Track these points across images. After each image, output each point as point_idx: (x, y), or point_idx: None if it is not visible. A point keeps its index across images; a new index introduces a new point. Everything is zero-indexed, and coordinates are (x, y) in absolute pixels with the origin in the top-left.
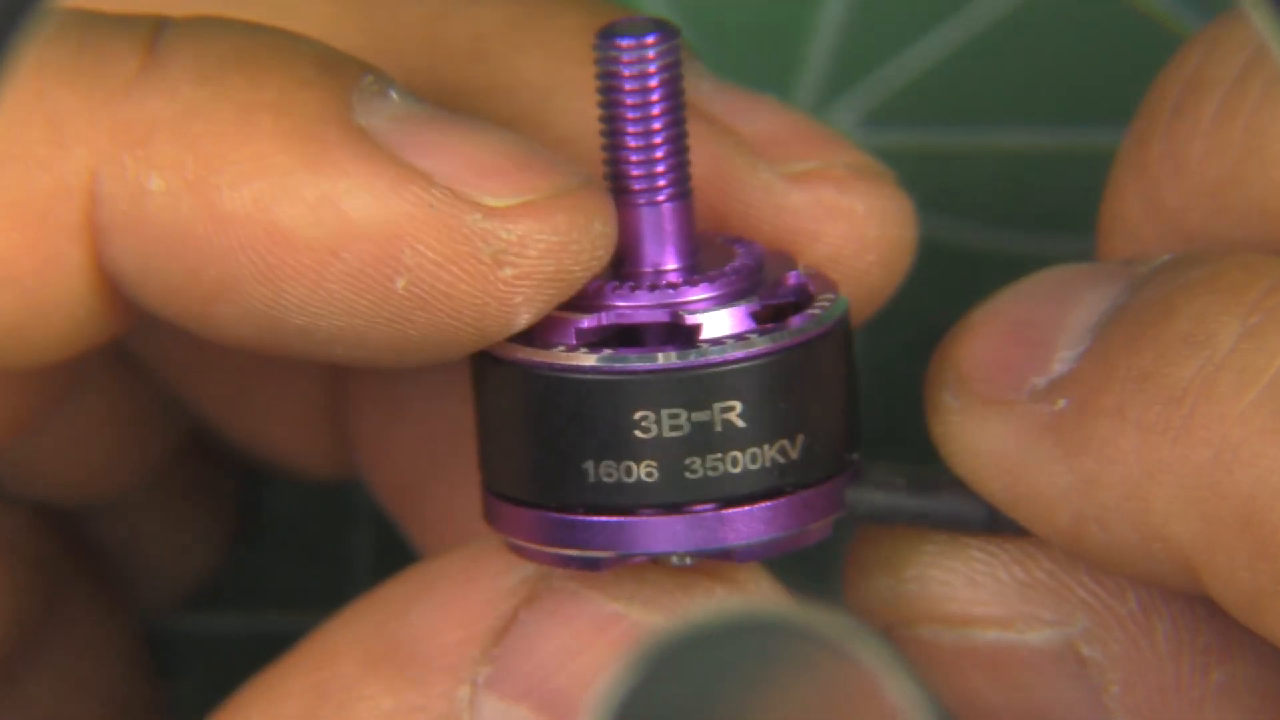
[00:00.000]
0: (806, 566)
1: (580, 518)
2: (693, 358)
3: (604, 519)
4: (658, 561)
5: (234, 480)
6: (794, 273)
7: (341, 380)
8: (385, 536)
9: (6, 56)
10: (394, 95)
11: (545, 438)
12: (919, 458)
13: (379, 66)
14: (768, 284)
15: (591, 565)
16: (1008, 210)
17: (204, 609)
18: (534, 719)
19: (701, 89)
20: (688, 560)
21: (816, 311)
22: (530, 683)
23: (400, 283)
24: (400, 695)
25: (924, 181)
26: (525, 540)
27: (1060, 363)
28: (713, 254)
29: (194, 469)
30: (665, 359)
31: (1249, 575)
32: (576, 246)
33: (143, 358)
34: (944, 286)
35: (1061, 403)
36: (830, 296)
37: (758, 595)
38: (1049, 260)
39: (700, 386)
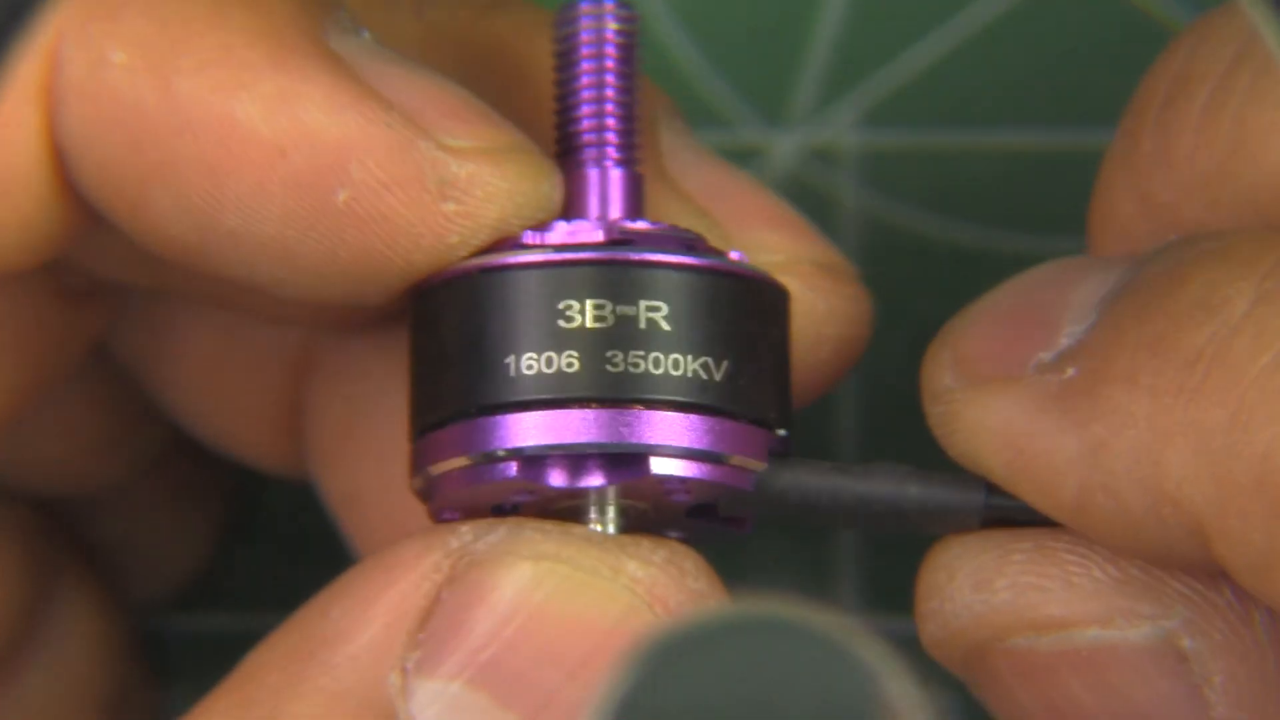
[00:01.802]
0: (807, 567)
1: (499, 416)
2: (625, 251)
3: (521, 413)
4: (585, 523)
5: (226, 478)
6: (735, 252)
7: (300, 386)
8: None
9: (6, 56)
10: (366, 35)
11: (470, 342)
12: (919, 457)
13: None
14: (711, 249)
15: (500, 512)
16: (1007, 210)
17: (199, 609)
18: (471, 694)
19: (680, 159)
20: (610, 527)
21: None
22: (462, 659)
23: (341, 196)
24: (329, 688)
25: (924, 181)
26: (446, 462)
27: (1067, 337)
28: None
29: (186, 466)
30: (598, 250)
31: (1262, 537)
32: (522, 199)
33: (115, 353)
34: (943, 286)
35: (1070, 371)
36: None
37: (683, 551)
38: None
39: (628, 279)
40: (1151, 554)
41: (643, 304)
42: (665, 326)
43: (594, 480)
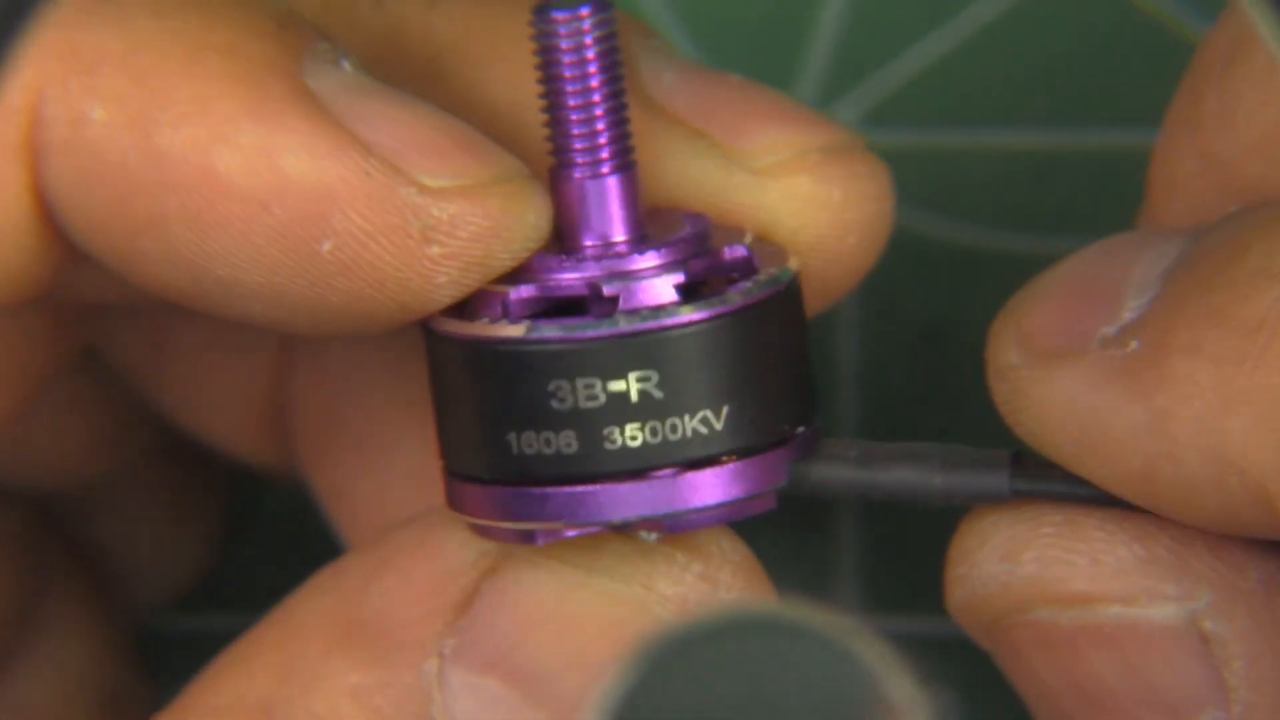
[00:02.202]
0: (807, 567)
1: (508, 489)
2: (605, 328)
3: (530, 490)
4: (619, 530)
5: (226, 481)
6: (735, 245)
7: (284, 380)
8: None
9: (6, 56)
10: (346, 65)
11: (474, 411)
12: None
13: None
14: (707, 255)
15: (528, 539)
16: (1008, 210)
17: (199, 609)
18: (501, 690)
19: (663, 81)
20: (653, 536)
21: (747, 284)
22: (496, 654)
23: (326, 246)
24: (366, 672)
25: (924, 181)
26: (471, 515)
27: (1130, 310)
28: (661, 225)
29: (183, 470)
30: (578, 329)
31: None
32: (508, 234)
33: (104, 351)
34: (944, 286)
35: (1134, 344)
36: (772, 271)
37: (720, 560)
38: (1049, 260)
39: (614, 356)
40: (1218, 523)
41: (632, 376)
42: (658, 394)
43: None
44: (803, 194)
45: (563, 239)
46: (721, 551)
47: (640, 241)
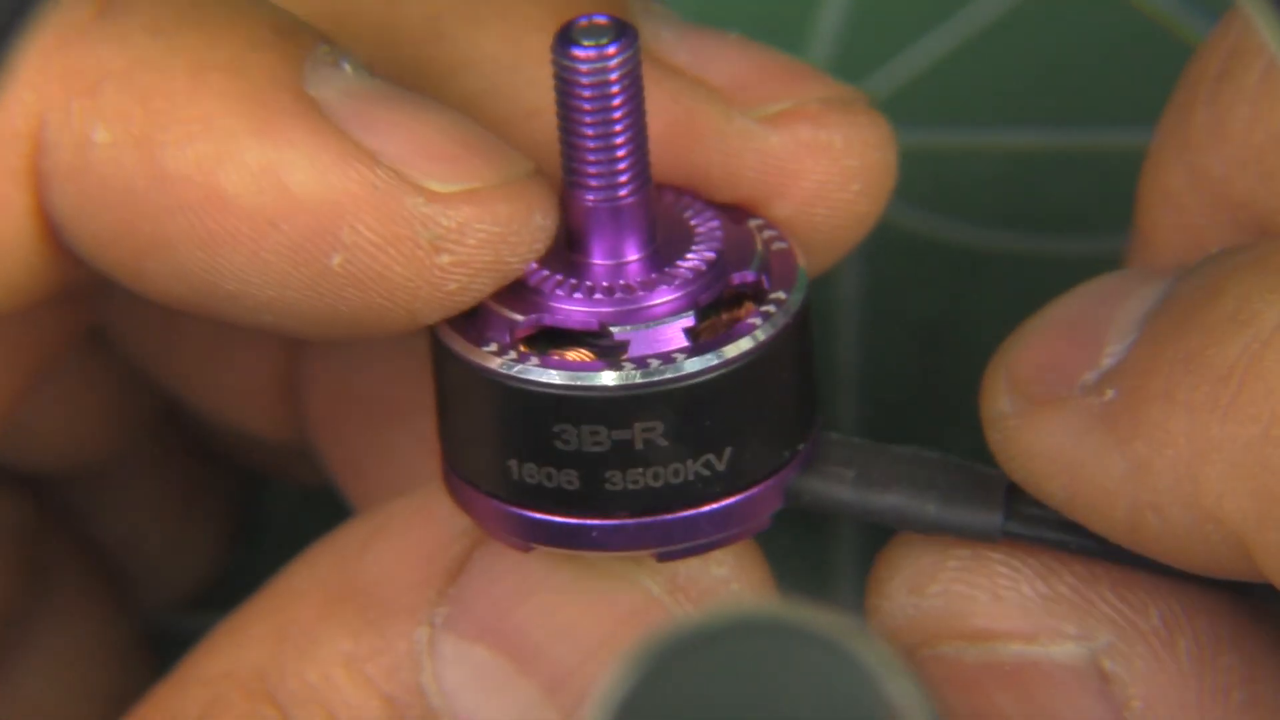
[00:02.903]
0: (807, 567)
1: (505, 508)
2: (613, 380)
3: (526, 513)
4: None
5: (233, 483)
6: (746, 271)
7: (295, 356)
8: None
9: (6, 56)
10: (347, 67)
11: (477, 429)
12: None
13: (336, 38)
14: (719, 282)
15: (524, 548)
16: (1008, 210)
17: (204, 609)
18: (491, 658)
19: (663, 38)
20: None
21: (756, 321)
22: (486, 622)
23: (336, 260)
24: (360, 638)
25: (924, 181)
26: (468, 513)
27: (1110, 356)
28: (673, 235)
29: (194, 468)
30: (586, 379)
31: None
32: (515, 238)
33: (110, 329)
34: (944, 286)
35: (1110, 393)
36: (781, 295)
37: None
38: (1049, 260)
39: (620, 408)
40: (1203, 569)
41: (638, 426)
42: (662, 443)
43: None
44: (803, 140)
45: (572, 248)
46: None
47: (654, 262)
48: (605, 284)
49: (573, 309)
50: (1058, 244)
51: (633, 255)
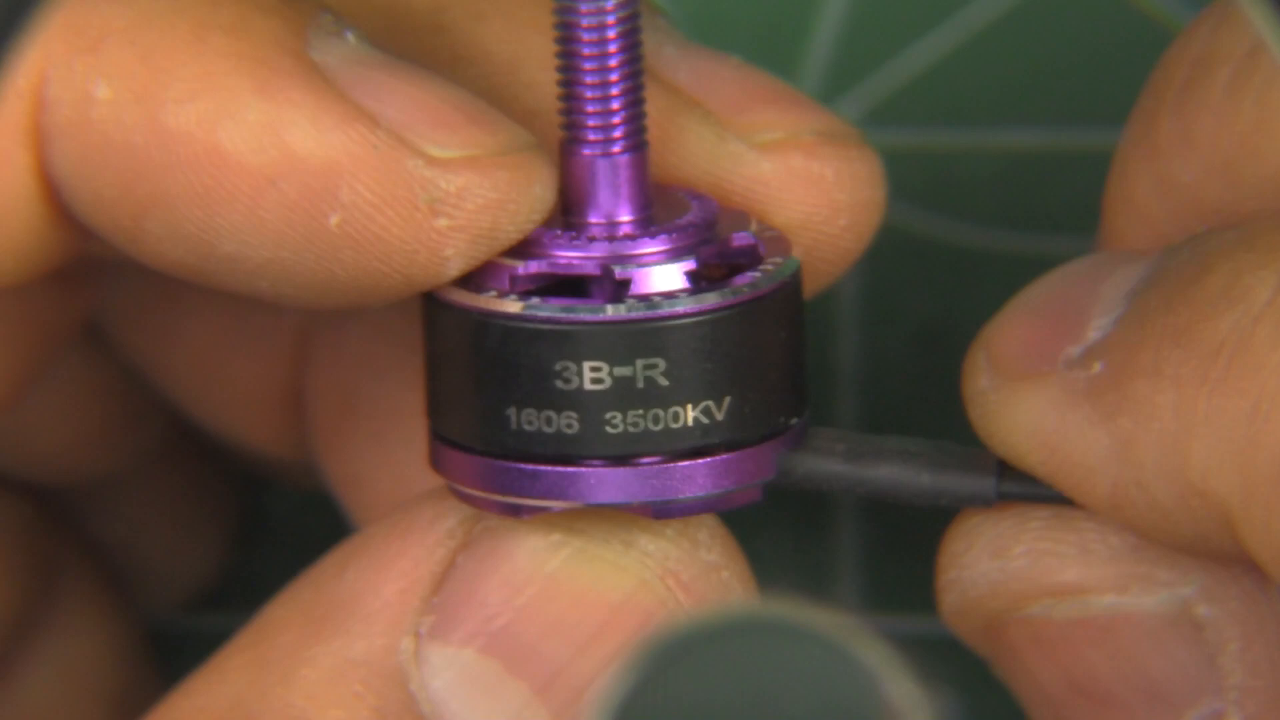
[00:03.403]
0: (807, 567)
1: (502, 463)
2: (617, 312)
3: (522, 466)
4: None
5: (237, 484)
6: (742, 233)
7: (298, 367)
8: None
9: (6, 56)
10: (350, 37)
11: (473, 382)
12: None
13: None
14: (714, 242)
15: (515, 511)
16: (1008, 210)
17: (205, 610)
18: (481, 661)
19: (664, 55)
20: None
21: (755, 275)
22: (474, 626)
23: (334, 219)
24: (341, 654)
25: (924, 181)
26: (457, 482)
27: (1096, 330)
28: (668, 208)
29: (196, 471)
30: (589, 311)
31: None
32: (514, 206)
33: (114, 339)
34: (944, 286)
35: (1098, 366)
36: (778, 260)
37: (696, 519)
38: (1049, 260)
39: (623, 341)
40: (1187, 545)
41: (639, 363)
42: (663, 382)
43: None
44: (794, 170)
45: (568, 212)
46: (700, 527)
47: (648, 224)
48: (608, 234)
49: (573, 255)
50: (1058, 244)
51: (627, 216)
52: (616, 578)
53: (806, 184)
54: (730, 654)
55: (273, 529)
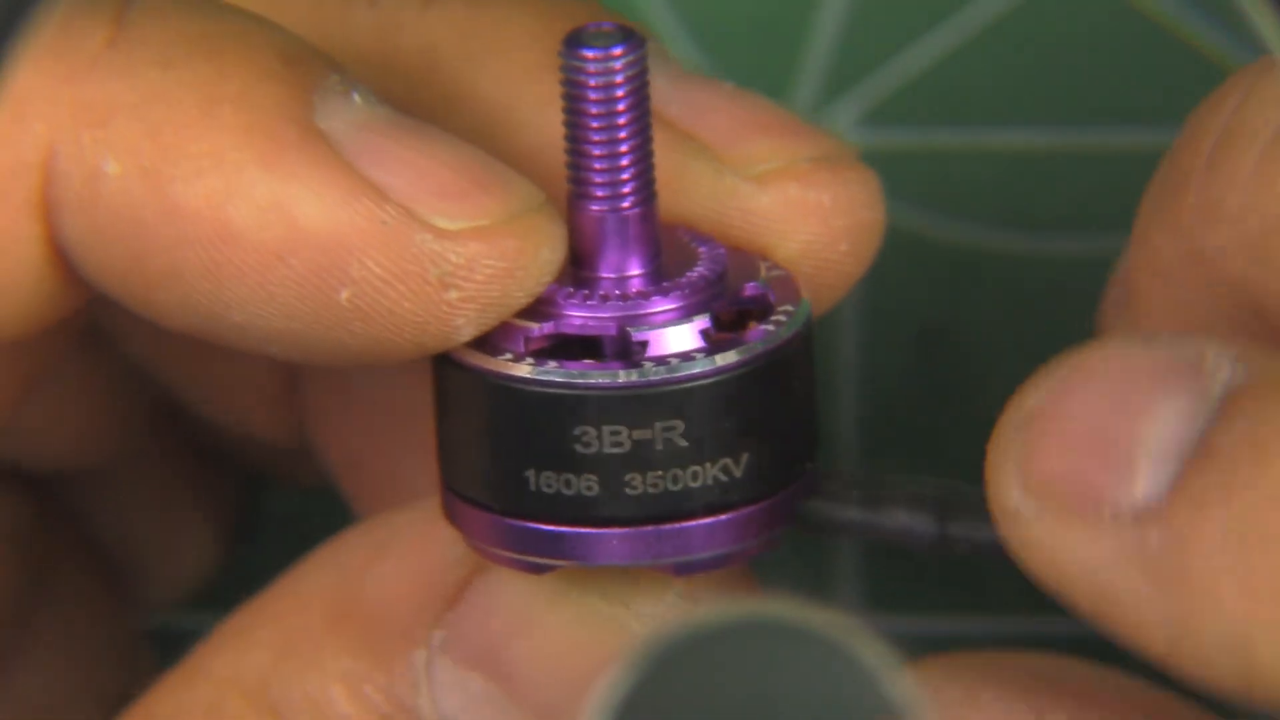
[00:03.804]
0: (807, 567)
1: (520, 523)
2: (636, 376)
3: (542, 527)
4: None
5: (233, 483)
6: (753, 283)
7: None
8: None
9: (6, 56)
10: (357, 98)
11: (491, 444)
12: (918, 455)
13: (346, 66)
14: (727, 293)
15: (534, 569)
16: (1008, 210)
17: (204, 608)
18: (486, 686)
19: (657, 87)
20: None
21: (770, 328)
22: (482, 651)
23: (344, 294)
24: (359, 657)
25: (924, 181)
26: (474, 538)
27: (1144, 485)
28: (676, 256)
29: (189, 468)
30: (608, 376)
31: None
32: (523, 273)
33: (107, 327)
34: (944, 286)
35: (1154, 536)
36: (789, 308)
37: (704, 578)
38: (1049, 260)
39: (643, 405)
40: (1236, 699)
41: (658, 425)
42: (682, 443)
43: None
44: (792, 200)
45: (578, 264)
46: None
47: (659, 278)
48: (616, 292)
49: (587, 315)
50: (1058, 244)
51: (637, 270)
52: (612, 635)
53: (805, 213)
54: (730, 654)
55: (273, 526)
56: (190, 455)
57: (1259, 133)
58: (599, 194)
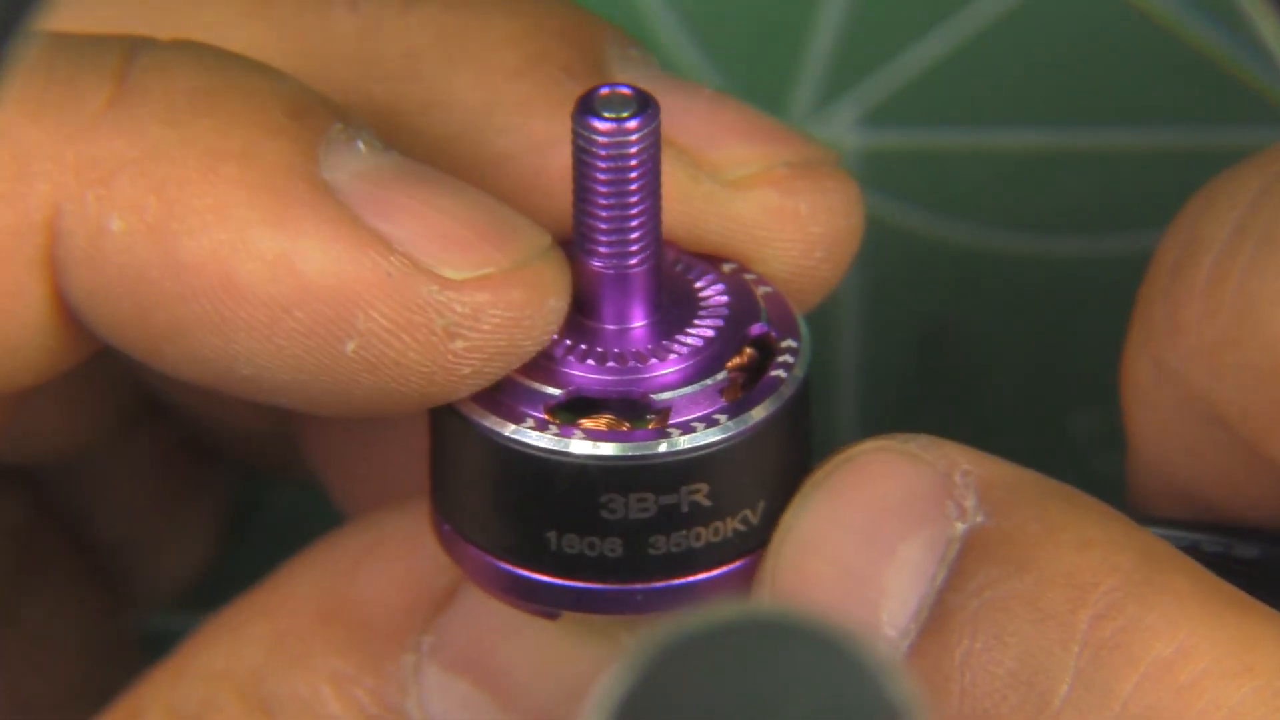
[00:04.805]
0: None
1: (538, 576)
2: (664, 448)
3: (562, 582)
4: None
5: (224, 479)
6: (758, 324)
7: None
8: None
9: (6, 56)
10: (361, 146)
11: (507, 502)
12: None
13: (346, 105)
14: (732, 341)
15: (548, 615)
16: (1007, 210)
17: (200, 608)
18: (475, 693)
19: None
20: None
21: (781, 374)
22: (470, 656)
23: (350, 346)
24: (349, 658)
25: (924, 181)
26: (485, 584)
27: (889, 629)
28: (676, 298)
29: (183, 466)
30: (637, 448)
31: None
32: (529, 322)
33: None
34: (944, 286)
35: (909, 663)
36: (792, 344)
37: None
38: (1049, 260)
39: (669, 474)
40: None
41: (684, 490)
42: (706, 503)
43: None
44: (769, 207)
45: (578, 309)
46: None
47: (663, 328)
48: (633, 349)
49: (604, 379)
50: (1058, 244)
51: (640, 321)
52: (601, 645)
53: (782, 221)
54: (730, 654)
55: (264, 524)
56: (180, 452)
57: (1213, 241)
58: (605, 252)
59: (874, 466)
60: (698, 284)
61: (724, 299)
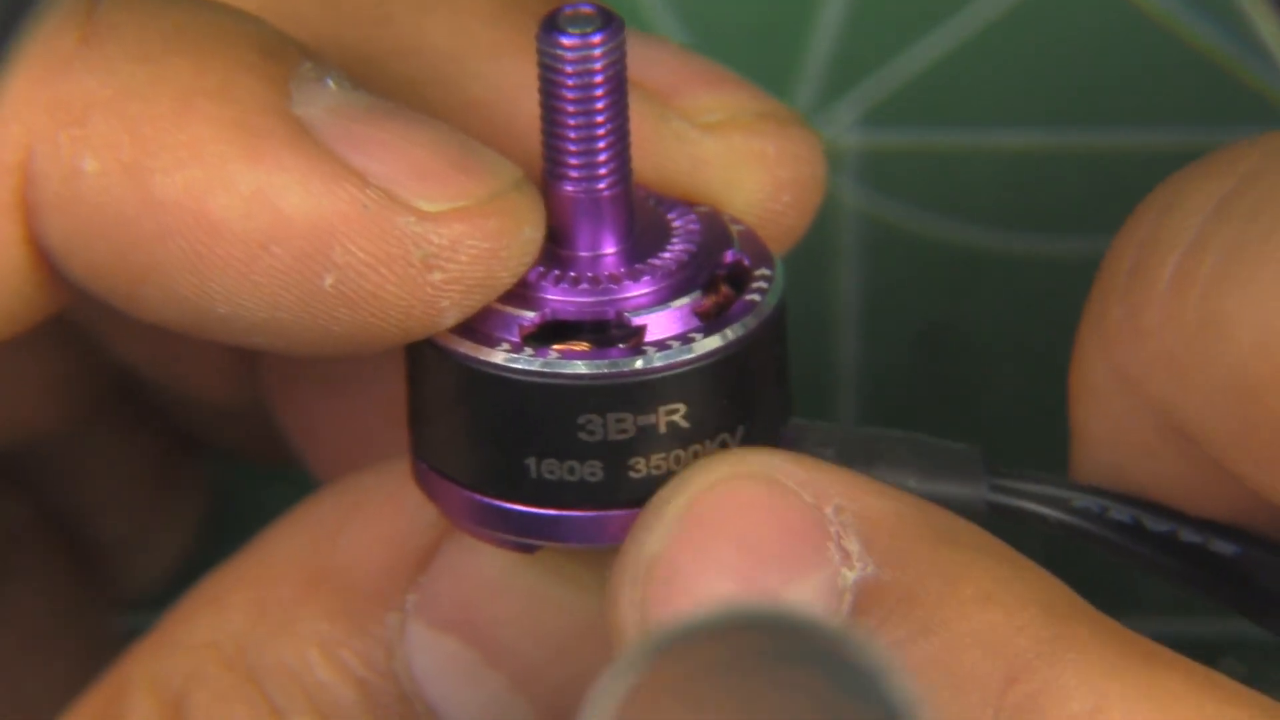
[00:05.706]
0: None
1: (518, 507)
2: (640, 364)
3: (543, 511)
4: None
5: (201, 466)
6: (730, 250)
7: None
8: None
9: (6, 56)
10: (331, 84)
11: (485, 431)
12: None
13: (315, 49)
14: (707, 264)
15: (525, 549)
16: (1007, 210)
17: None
18: (460, 648)
19: None
20: None
21: (755, 298)
22: (455, 613)
23: (328, 280)
24: (335, 621)
25: (924, 181)
26: (462, 519)
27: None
28: (647, 227)
29: (159, 453)
30: (612, 365)
31: None
32: (506, 253)
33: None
34: (944, 286)
35: None
36: (766, 272)
37: None
38: (1049, 260)
39: (646, 392)
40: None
41: (662, 410)
42: (684, 424)
43: None
44: (738, 149)
45: (552, 239)
46: None
47: (635, 254)
48: (607, 273)
49: (579, 300)
50: (1058, 244)
51: (611, 247)
52: (583, 597)
53: (750, 162)
54: (730, 653)
55: (243, 513)
56: (158, 443)
57: (1176, 244)
58: (575, 175)
59: (740, 497)
60: (670, 214)
61: (696, 227)
